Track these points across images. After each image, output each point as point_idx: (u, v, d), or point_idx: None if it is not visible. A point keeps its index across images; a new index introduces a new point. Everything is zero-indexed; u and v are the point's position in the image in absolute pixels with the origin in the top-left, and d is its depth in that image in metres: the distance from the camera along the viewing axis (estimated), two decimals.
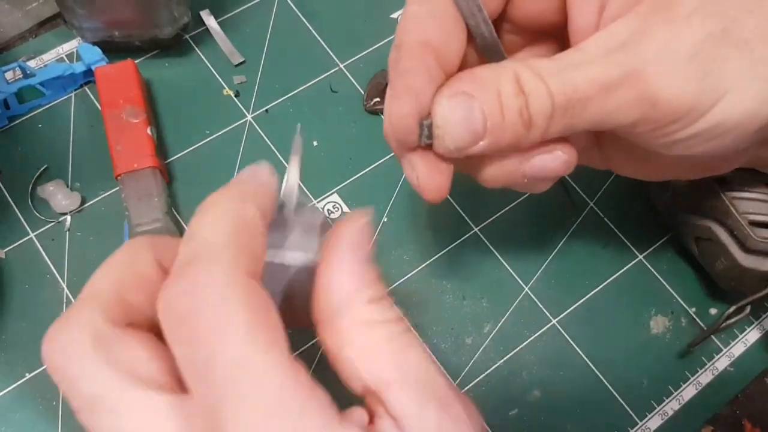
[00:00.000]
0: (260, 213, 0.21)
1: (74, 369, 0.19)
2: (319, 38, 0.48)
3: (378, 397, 0.20)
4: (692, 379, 0.40)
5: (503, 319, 0.41)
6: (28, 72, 0.43)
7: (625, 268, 0.43)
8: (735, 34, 0.23)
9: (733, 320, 0.38)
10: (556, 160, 0.26)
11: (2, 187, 0.42)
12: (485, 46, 0.26)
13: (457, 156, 0.25)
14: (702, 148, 0.25)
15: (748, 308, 0.38)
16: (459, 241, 0.42)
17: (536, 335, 0.40)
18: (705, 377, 0.40)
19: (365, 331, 0.20)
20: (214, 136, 0.44)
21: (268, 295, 0.19)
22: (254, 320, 0.18)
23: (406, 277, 0.41)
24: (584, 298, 0.42)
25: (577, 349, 0.40)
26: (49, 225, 0.41)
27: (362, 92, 0.46)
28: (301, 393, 0.18)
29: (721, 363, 0.41)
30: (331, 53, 0.47)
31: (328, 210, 0.42)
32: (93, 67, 0.43)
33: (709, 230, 0.39)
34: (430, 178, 0.27)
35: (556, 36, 0.29)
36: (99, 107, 0.43)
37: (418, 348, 0.21)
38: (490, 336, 0.40)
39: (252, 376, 0.17)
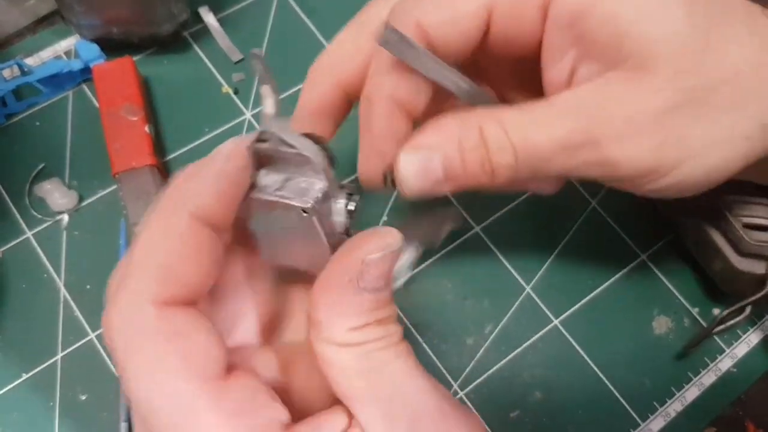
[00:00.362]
0: (197, 217, 0.20)
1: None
2: (318, 36, 0.47)
3: (349, 411, 0.20)
4: (695, 380, 0.40)
5: (505, 320, 0.40)
6: (25, 69, 0.42)
7: (627, 268, 0.42)
8: (703, 103, 0.24)
9: (731, 322, 0.38)
10: None
11: None
12: (470, 98, 0.27)
13: (421, 198, 0.27)
14: (673, 195, 0.26)
15: (748, 309, 0.37)
16: (460, 240, 0.42)
17: (538, 336, 0.40)
18: (708, 378, 0.40)
19: (337, 351, 0.20)
20: (213, 134, 0.44)
21: (187, 317, 0.19)
22: (162, 350, 0.18)
23: (406, 277, 0.41)
24: (586, 299, 0.41)
25: (579, 349, 0.40)
26: (47, 224, 0.41)
27: None
28: (221, 416, 0.18)
29: (724, 364, 0.40)
30: None
31: None
32: (91, 65, 0.43)
33: (705, 233, 0.38)
34: None
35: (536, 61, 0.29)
36: (97, 105, 0.43)
37: (398, 364, 0.21)
38: (492, 336, 0.40)
39: (161, 407, 0.18)
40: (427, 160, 0.25)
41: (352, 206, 0.23)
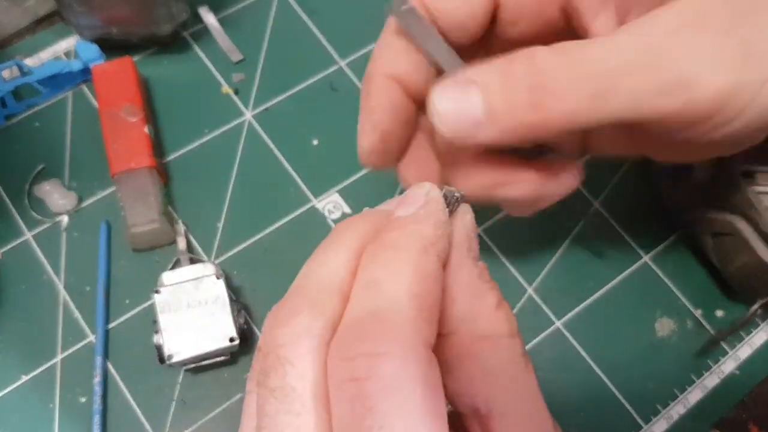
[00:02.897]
0: (441, 263, 0.19)
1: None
2: (319, 36, 0.47)
3: (484, 423, 0.19)
4: (698, 382, 0.39)
5: None
6: (25, 70, 0.42)
7: (630, 270, 0.42)
8: None
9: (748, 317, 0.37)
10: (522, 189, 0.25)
11: None
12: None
13: (460, 144, 0.23)
14: (750, 141, 0.23)
15: (758, 310, 0.37)
16: None
17: (540, 338, 0.40)
18: (711, 380, 0.40)
19: (491, 348, 0.19)
20: (213, 135, 0.44)
21: (437, 367, 0.18)
22: (427, 402, 0.17)
23: None
24: (589, 300, 0.41)
25: (582, 351, 0.40)
26: (46, 225, 0.40)
27: None
28: None
29: (728, 366, 0.40)
30: (331, 51, 0.47)
31: (328, 210, 0.42)
32: (90, 65, 0.43)
33: (731, 225, 0.37)
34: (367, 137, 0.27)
35: None
36: (96, 105, 0.43)
37: (532, 373, 0.19)
38: None
39: None
40: (465, 92, 0.22)
41: None
